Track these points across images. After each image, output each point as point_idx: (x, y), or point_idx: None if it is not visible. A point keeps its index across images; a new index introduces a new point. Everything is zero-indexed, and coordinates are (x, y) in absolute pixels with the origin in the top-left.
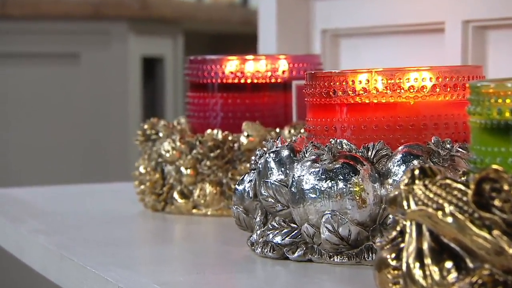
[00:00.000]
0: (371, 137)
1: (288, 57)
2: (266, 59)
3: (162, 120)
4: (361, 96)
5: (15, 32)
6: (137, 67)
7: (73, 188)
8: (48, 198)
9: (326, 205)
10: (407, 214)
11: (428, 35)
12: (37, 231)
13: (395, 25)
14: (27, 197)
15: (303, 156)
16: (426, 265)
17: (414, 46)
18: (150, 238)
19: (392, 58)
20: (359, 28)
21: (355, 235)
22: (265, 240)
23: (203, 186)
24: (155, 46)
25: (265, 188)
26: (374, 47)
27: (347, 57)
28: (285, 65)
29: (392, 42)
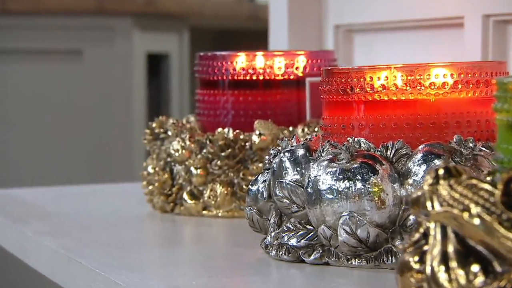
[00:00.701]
0: (390, 135)
1: (301, 53)
2: (279, 55)
3: (171, 118)
4: (379, 93)
5: (16, 28)
6: (141, 64)
7: (77, 189)
8: (52, 199)
9: (344, 206)
10: (431, 215)
11: (446, 30)
12: (43, 232)
13: (411, 20)
14: (30, 198)
15: (319, 156)
16: (452, 268)
17: (431, 42)
18: (160, 240)
19: (407, 55)
20: (373, 23)
21: (374, 237)
22: (280, 242)
23: (214, 187)
24: (160, 42)
25: (280, 189)
26: (388, 43)
27: (360, 53)
28: (298, 62)
29: (407, 37)
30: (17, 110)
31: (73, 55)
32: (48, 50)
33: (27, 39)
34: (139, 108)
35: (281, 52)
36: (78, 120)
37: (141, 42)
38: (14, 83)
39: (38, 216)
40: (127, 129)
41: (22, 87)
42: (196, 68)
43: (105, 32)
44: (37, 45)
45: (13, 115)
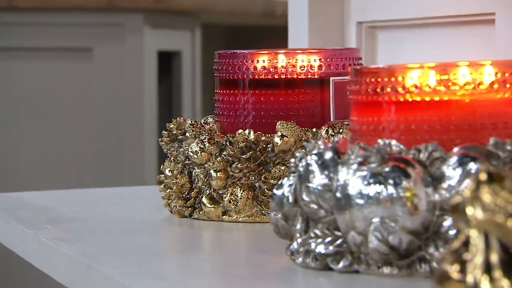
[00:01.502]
0: (422, 138)
1: (325, 51)
2: (302, 53)
3: (189, 119)
4: (411, 93)
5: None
6: (153, 62)
7: (90, 192)
8: (66, 203)
9: (375, 212)
10: (474, 222)
11: (475, 27)
12: (59, 239)
13: (439, 17)
14: (43, 202)
15: (348, 159)
16: (496, 279)
17: (460, 40)
18: (179, 247)
19: (434, 53)
20: (398, 20)
21: (407, 244)
22: (306, 249)
23: (234, 190)
24: (171, 39)
25: (307, 193)
26: (414, 41)
27: (384, 51)
28: (322, 60)
29: (434, 35)
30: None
31: (82, 53)
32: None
33: (34, 36)
34: (150, 108)
35: (304, 50)
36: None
37: (152, 40)
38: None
39: (52, 221)
40: (138, 130)
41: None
42: (215, 67)
43: (115, 29)
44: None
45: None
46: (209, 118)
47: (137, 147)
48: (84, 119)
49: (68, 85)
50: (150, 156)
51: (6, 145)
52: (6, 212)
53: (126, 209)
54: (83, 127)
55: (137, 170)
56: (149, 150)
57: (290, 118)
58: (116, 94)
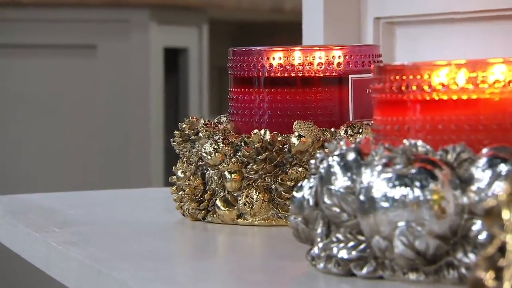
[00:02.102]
0: (449, 138)
1: (343, 48)
2: (319, 50)
3: (202, 118)
4: (438, 92)
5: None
6: (159, 59)
7: (98, 194)
8: (73, 205)
9: (400, 215)
10: (510, 227)
11: (500, 22)
12: (68, 242)
13: (461, 12)
14: (49, 204)
15: (372, 160)
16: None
17: (483, 36)
18: (193, 251)
19: (456, 50)
20: (417, 15)
21: (434, 249)
22: (328, 254)
23: (250, 193)
24: (178, 36)
25: (329, 196)
26: (434, 37)
27: (403, 48)
28: (341, 57)
29: (456, 31)
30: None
31: (87, 50)
32: (60, 44)
33: (37, 33)
34: (157, 106)
35: (321, 47)
36: (91, 119)
37: (158, 36)
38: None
39: (60, 224)
40: (144, 129)
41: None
42: (229, 65)
43: (120, 25)
44: (48, 40)
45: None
46: (222, 117)
47: (143, 146)
48: (88, 117)
49: (72, 83)
50: (157, 155)
51: (8, 143)
52: (12, 215)
53: (136, 212)
54: (87, 126)
55: (143, 170)
56: (155, 149)
57: (308, 117)
58: (121, 92)
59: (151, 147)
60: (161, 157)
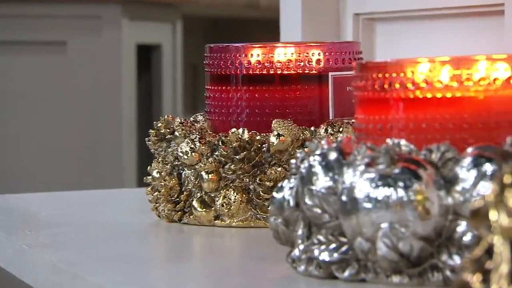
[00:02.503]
0: (433, 137)
1: (323, 44)
2: (299, 47)
3: (178, 117)
4: (422, 90)
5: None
6: (131, 56)
7: (70, 195)
8: (44, 206)
9: (383, 216)
10: (498, 229)
11: (482, 18)
12: (41, 245)
13: (442, 8)
14: (19, 205)
15: (354, 160)
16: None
17: (465, 32)
18: (169, 253)
19: (437, 47)
20: (398, 11)
21: (418, 251)
22: (309, 256)
23: (227, 193)
24: (151, 32)
25: (310, 197)
26: (415, 34)
27: (383, 45)
28: (320, 54)
29: (437, 27)
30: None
31: (56, 46)
32: (28, 41)
33: (4, 29)
34: (129, 104)
35: (300, 44)
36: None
37: (131, 33)
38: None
39: (34, 226)
40: (116, 127)
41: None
42: (205, 61)
43: (91, 21)
44: (16, 36)
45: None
46: (198, 116)
47: (115, 145)
48: (58, 116)
49: (41, 81)
50: (129, 154)
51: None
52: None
53: (110, 213)
54: (57, 125)
55: (115, 169)
56: (127, 148)
57: (287, 116)
58: (93, 91)
59: (123, 146)
60: (134, 156)
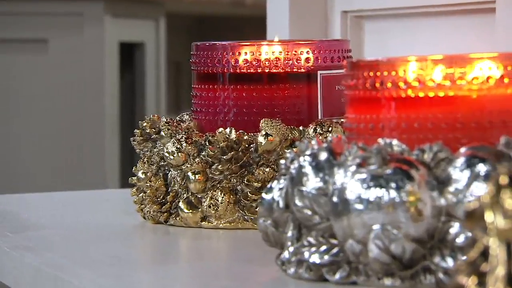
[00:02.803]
0: (426, 137)
1: (312, 42)
2: (287, 45)
3: (163, 116)
4: (414, 89)
5: None
6: (114, 54)
7: (52, 196)
8: (26, 208)
9: (375, 218)
10: (494, 231)
11: (473, 16)
12: (23, 248)
13: (432, 5)
14: (1, 206)
15: (345, 160)
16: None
17: (455, 30)
18: (155, 256)
19: (427, 45)
20: (387, 9)
21: (410, 253)
22: (299, 258)
23: (214, 194)
24: (134, 30)
25: (300, 198)
26: (405, 32)
27: (372, 43)
28: (309, 53)
29: (427, 25)
30: None
31: (37, 44)
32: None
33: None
34: (112, 104)
35: (289, 42)
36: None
37: (113, 30)
38: None
39: (13, 228)
40: (98, 127)
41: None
42: (192, 60)
43: (73, 18)
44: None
45: None
46: (184, 115)
47: (98, 145)
48: (40, 115)
49: (21, 80)
50: (112, 154)
51: None
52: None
53: (94, 215)
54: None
55: (98, 169)
56: (110, 148)
57: (275, 115)
58: (75, 89)
59: (106, 146)
60: (117, 156)
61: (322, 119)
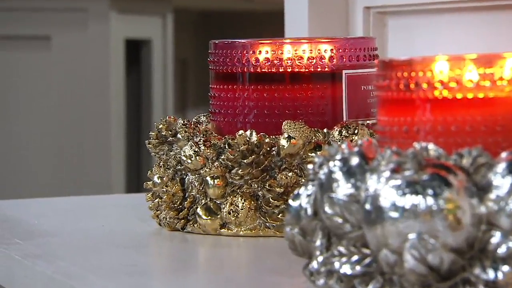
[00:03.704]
0: (464, 141)
1: (336, 40)
2: (310, 43)
3: (180, 118)
4: (451, 90)
5: None
6: (119, 52)
7: (61, 201)
8: (35, 214)
9: (411, 226)
10: None
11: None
12: (34, 256)
13: (461, 1)
14: (7, 212)
15: (378, 165)
16: None
17: (487, 27)
18: (172, 265)
19: (455, 43)
20: (412, 4)
21: (448, 264)
22: (329, 269)
23: (234, 200)
24: (140, 26)
25: (330, 205)
26: (431, 29)
27: (396, 41)
28: (334, 51)
29: (455, 22)
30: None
31: (40, 41)
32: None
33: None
34: (117, 103)
35: (312, 40)
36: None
37: (119, 27)
38: None
39: (23, 235)
40: (104, 127)
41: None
42: (210, 59)
43: (77, 14)
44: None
45: None
46: (201, 117)
47: (103, 146)
48: (43, 115)
49: (24, 78)
50: (117, 156)
51: None
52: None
53: (105, 221)
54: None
55: (103, 172)
56: (116, 150)
57: (297, 117)
58: (79, 88)
59: (111, 147)
60: (122, 157)
61: (348, 121)
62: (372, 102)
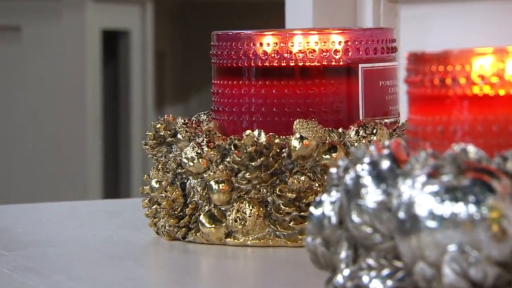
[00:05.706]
0: (507, 142)
1: (351, 31)
2: (323, 35)
3: (180, 117)
4: (492, 86)
5: None
6: (96, 44)
7: (46, 207)
8: (19, 222)
9: (451, 237)
10: None
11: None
12: (24, 269)
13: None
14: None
15: (411, 169)
16: None
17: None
18: (173, 277)
19: (471, 33)
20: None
21: (493, 278)
22: (357, 283)
23: (241, 207)
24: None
25: (359, 213)
26: (447, 18)
27: (408, 32)
28: (349, 43)
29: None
30: None
31: (9, 32)
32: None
33: None
34: (93, 98)
35: (325, 31)
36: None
37: (95, 17)
38: None
39: (8, 246)
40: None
41: None
42: (212, 52)
43: (50, 3)
44: None
45: None
46: (201, 115)
47: (78, 145)
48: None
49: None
50: (94, 156)
51: None
52: None
53: (98, 229)
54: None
55: (78, 173)
56: (92, 149)
57: (310, 115)
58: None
59: (87, 147)
60: (99, 158)
61: (365, 119)
62: (391, 99)
